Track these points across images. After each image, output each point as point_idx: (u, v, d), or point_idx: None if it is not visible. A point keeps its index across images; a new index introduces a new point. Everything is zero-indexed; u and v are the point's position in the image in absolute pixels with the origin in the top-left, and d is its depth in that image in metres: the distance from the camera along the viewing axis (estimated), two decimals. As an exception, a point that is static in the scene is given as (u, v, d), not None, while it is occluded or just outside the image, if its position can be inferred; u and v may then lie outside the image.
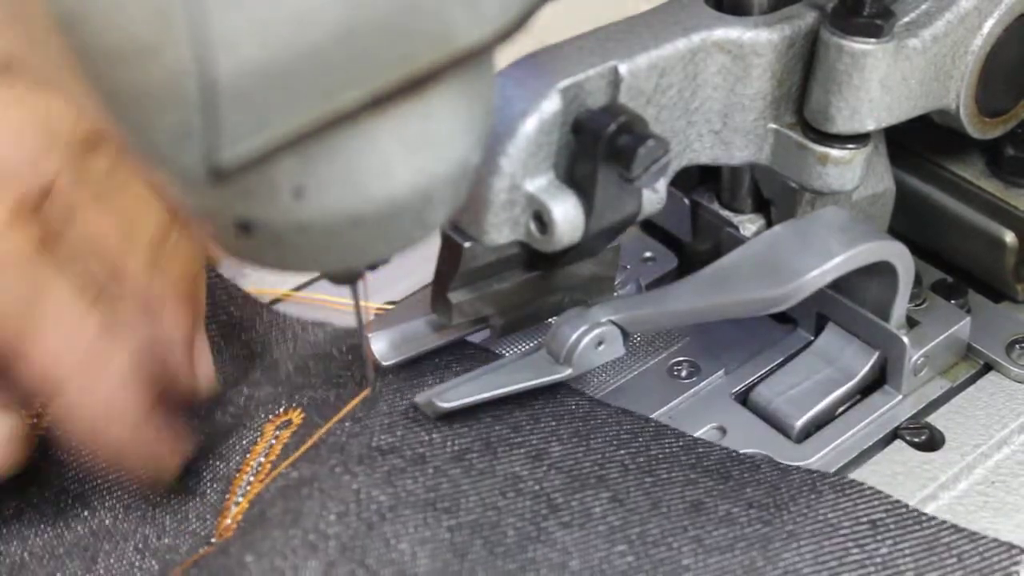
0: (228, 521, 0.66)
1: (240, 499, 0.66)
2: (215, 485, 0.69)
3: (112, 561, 0.67)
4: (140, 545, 0.67)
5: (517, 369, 0.69)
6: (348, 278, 0.61)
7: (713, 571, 0.61)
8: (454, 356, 0.72)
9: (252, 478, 0.67)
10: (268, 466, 0.68)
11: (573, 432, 0.67)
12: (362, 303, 0.64)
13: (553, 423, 0.68)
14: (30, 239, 0.63)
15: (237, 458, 0.69)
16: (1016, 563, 0.63)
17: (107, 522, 0.68)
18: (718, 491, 0.65)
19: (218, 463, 0.70)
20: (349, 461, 0.64)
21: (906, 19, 0.69)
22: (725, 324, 0.73)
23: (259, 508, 0.64)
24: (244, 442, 0.70)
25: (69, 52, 0.46)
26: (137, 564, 0.66)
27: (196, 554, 0.65)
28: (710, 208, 0.78)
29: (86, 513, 0.69)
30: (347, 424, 0.67)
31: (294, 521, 0.61)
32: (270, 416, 0.71)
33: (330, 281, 0.61)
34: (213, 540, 0.66)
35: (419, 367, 0.71)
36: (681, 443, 0.68)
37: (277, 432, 0.70)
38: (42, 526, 0.68)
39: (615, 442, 0.67)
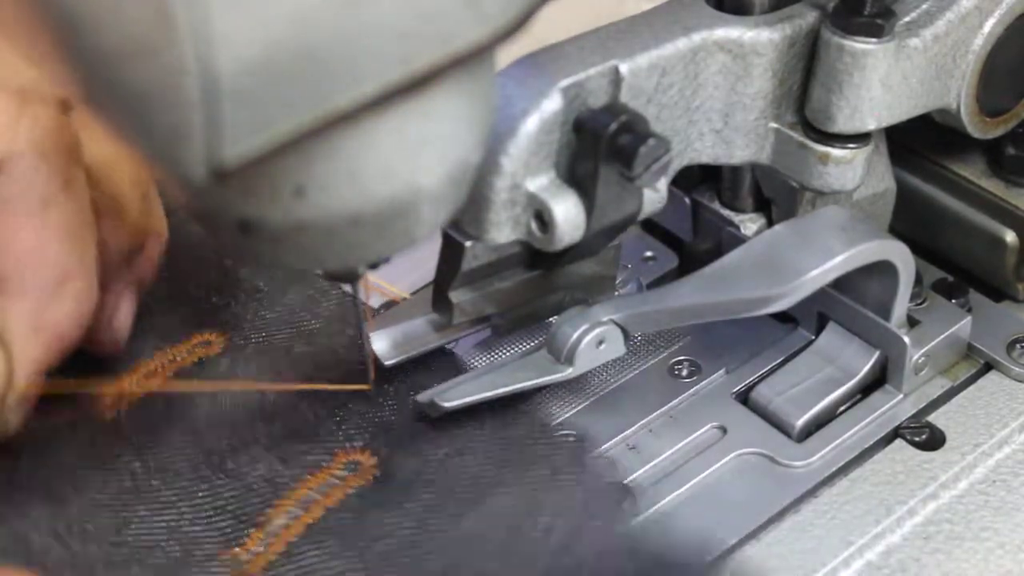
0: (256, 549, 0.64)
1: (278, 530, 0.65)
2: (263, 485, 0.67)
3: (142, 531, 0.66)
4: (172, 523, 0.66)
5: (518, 369, 0.69)
6: (348, 277, 0.61)
7: None
8: None
9: (298, 512, 0.65)
10: (318, 511, 0.65)
11: None
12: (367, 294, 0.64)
13: None
14: None
15: (297, 470, 0.67)
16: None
17: (153, 482, 0.67)
18: None
19: (274, 457, 0.67)
20: None
21: (907, 18, 0.69)
22: (726, 323, 0.73)
23: None
24: (310, 456, 0.68)
25: (69, 51, 0.46)
26: (163, 543, 0.65)
27: None
28: (711, 207, 0.78)
29: (128, 473, 0.68)
30: None
31: None
32: (347, 444, 0.68)
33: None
34: (238, 552, 0.64)
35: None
36: None
37: (343, 472, 0.67)
38: (89, 474, 0.67)
39: None
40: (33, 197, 0.64)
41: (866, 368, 0.72)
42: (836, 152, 0.69)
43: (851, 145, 0.69)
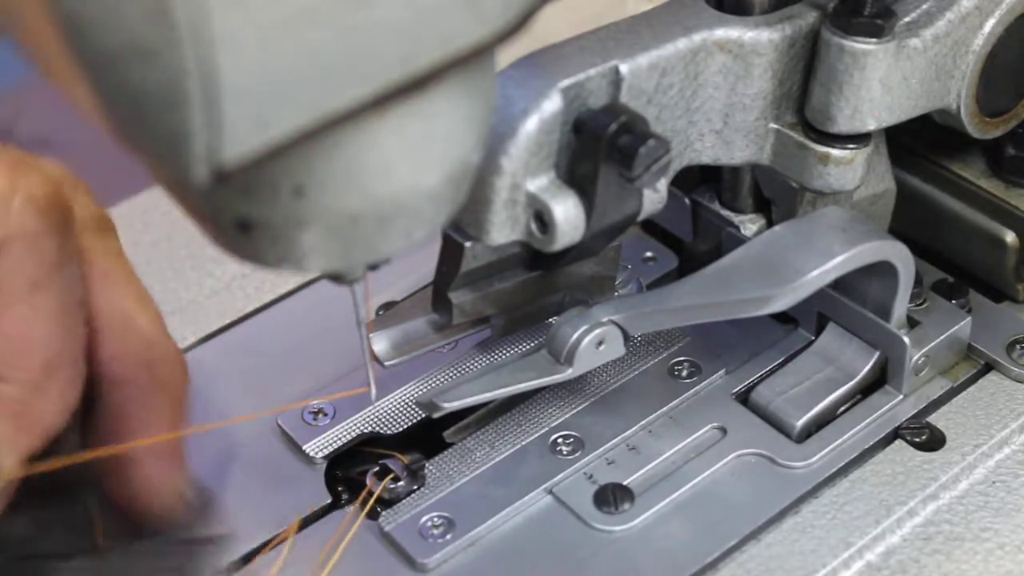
0: None
1: None
2: None
3: None
4: None
5: (517, 369, 0.69)
6: (348, 278, 0.61)
7: None
8: None
9: None
10: None
11: None
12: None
13: None
14: None
15: None
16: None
17: None
18: None
19: None
20: None
21: (907, 19, 0.69)
22: (725, 324, 0.73)
23: None
24: None
25: (70, 53, 0.46)
26: None
27: None
28: (711, 208, 0.78)
29: None
30: None
31: None
32: None
33: (330, 281, 0.61)
34: None
35: None
36: None
37: None
38: None
39: None
40: (22, 281, 0.60)
41: (866, 369, 0.72)
42: (836, 152, 0.69)
43: (851, 145, 0.69)
